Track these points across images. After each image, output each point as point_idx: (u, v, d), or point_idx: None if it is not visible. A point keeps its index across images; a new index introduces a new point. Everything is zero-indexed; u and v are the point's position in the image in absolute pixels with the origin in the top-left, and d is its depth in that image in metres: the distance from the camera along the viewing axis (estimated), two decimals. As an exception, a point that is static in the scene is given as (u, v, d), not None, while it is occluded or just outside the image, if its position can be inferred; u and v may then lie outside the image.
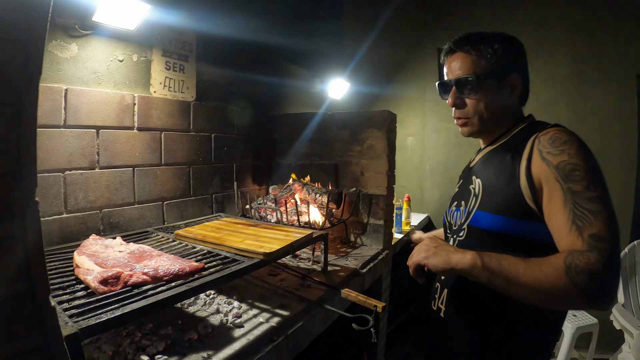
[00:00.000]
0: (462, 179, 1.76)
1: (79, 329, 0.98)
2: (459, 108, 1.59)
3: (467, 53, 1.53)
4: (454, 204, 1.70)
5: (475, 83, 1.50)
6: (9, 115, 0.70)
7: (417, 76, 5.11)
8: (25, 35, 0.71)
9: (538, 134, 1.37)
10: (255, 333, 1.52)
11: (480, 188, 1.52)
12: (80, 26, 1.97)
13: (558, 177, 1.25)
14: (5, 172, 0.70)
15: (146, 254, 1.56)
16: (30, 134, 0.73)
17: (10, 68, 0.70)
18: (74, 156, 1.95)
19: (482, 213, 1.46)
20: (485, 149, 1.65)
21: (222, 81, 2.98)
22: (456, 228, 1.61)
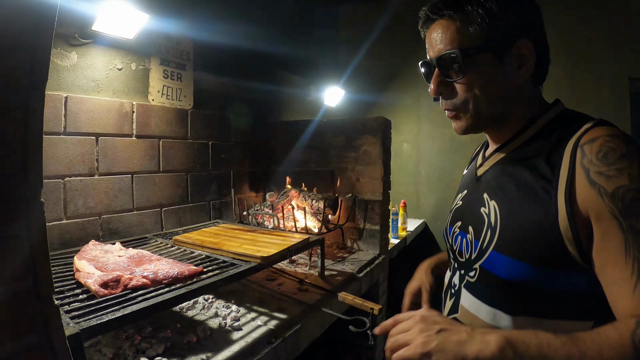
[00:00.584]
0: (466, 190, 1.35)
1: (80, 329, 1.00)
2: (447, 98, 1.18)
3: (449, 19, 1.11)
4: (457, 223, 1.31)
5: (462, 60, 1.08)
6: (16, 119, 0.72)
7: (412, 83, 5.14)
8: (32, 42, 0.73)
9: (579, 139, 0.98)
10: (253, 335, 1.54)
11: (497, 217, 1.10)
12: (80, 35, 2.00)
13: (615, 211, 0.88)
14: (12, 173, 0.73)
15: (145, 258, 1.58)
16: (36, 137, 0.75)
17: (18, 74, 0.72)
18: (73, 163, 1.98)
19: (499, 256, 1.07)
20: (497, 152, 1.23)
21: (219, 89, 3.01)
22: (464, 261, 1.22)
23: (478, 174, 1.28)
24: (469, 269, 1.19)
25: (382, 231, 2.92)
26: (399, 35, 5.15)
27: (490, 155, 1.26)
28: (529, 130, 1.15)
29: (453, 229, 1.33)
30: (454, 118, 1.19)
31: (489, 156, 1.27)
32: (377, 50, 5.22)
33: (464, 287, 1.20)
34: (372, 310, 1.57)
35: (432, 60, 1.16)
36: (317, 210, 2.71)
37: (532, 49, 1.09)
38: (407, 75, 5.19)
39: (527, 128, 1.15)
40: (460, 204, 1.34)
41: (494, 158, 1.23)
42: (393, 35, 5.17)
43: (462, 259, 1.24)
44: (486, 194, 1.18)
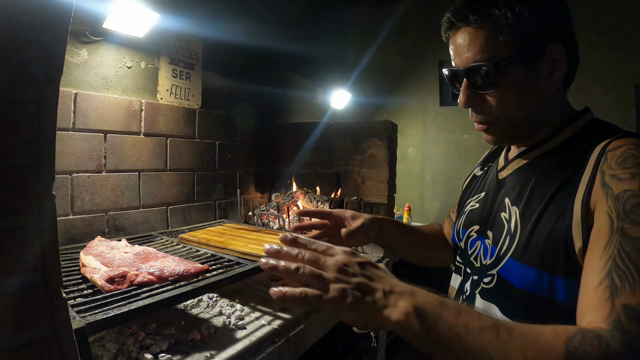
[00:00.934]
0: (484, 192, 1.27)
1: (86, 323, 1.01)
2: (478, 111, 1.11)
3: (476, 26, 1.02)
4: (473, 227, 1.23)
5: (494, 73, 1.00)
6: (31, 112, 0.73)
7: (418, 87, 5.14)
8: (48, 36, 0.74)
9: (606, 146, 0.93)
10: (257, 335, 1.54)
11: (517, 224, 1.04)
12: (90, 32, 2.01)
13: (612, 211, 0.83)
14: (25, 165, 0.73)
15: (152, 255, 1.59)
16: (50, 131, 0.76)
17: (34, 67, 0.73)
18: (81, 159, 1.99)
19: (516, 264, 1.01)
20: (523, 156, 1.15)
21: (227, 90, 3.02)
22: (480, 267, 1.15)
23: (499, 177, 1.21)
24: (485, 275, 1.11)
25: (387, 234, 2.91)
26: (405, 39, 5.16)
27: (514, 159, 1.19)
28: (557, 137, 1.08)
29: (468, 232, 1.25)
30: (485, 132, 1.14)
31: (512, 159, 1.19)
32: (384, 53, 5.22)
33: (478, 294, 1.13)
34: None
35: (461, 71, 1.07)
36: (323, 211, 2.71)
37: (565, 52, 1.01)
38: (413, 79, 5.20)
39: (555, 135, 1.09)
40: (478, 207, 1.26)
41: (518, 162, 1.16)
42: (399, 39, 5.18)
43: (478, 264, 1.16)
44: (508, 199, 1.12)
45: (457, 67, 1.09)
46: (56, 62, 0.76)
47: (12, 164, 0.72)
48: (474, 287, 1.15)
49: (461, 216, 1.33)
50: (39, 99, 0.74)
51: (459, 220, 1.34)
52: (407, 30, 5.13)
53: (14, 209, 0.73)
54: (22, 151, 0.73)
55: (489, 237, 1.14)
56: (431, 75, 5.08)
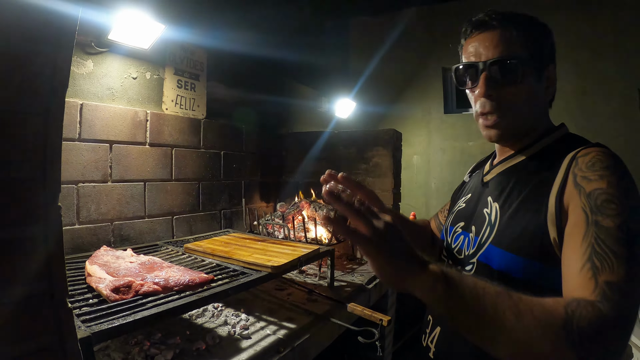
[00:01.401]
0: (471, 194, 1.41)
1: (91, 332, 1.01)
2: (493, 100, 1.19)
3: (504, 30, 1.16)
4: (459, 224, 1.37)
5: (519, 68, 1.13)
6: (36, 124, 0.74)
7: (423, 95, 5.16)
8: (53, 49, 0.75)
9: (577, 153, 1.07)
10: (262, 344, 1.54)
11: (497, 216, 1.18)
12: (96, 44, 2.03)
13: (586, 207, 0.97)
14: (31, 177, 0.74)
15: (157, 265, 1.59)
16: (55, 142, 0.77)
17: (39, 80, 0.74)
18: (87, 169, 2.00)
19: (496, 249, 1.14)
20: (505, 162, 1.30)
21: (232, 100, 3.04)
22: (463, 258, 1.27)
23: (485, 180, 1.36)
24: (467, 263, 1.24)
25: (392, 243, 2.90)
26: (409, 47, 5.18)
27: (497, 164, 1.34)
28: (535, 145, 1.23)
29: (454, 229, 1.39)
30: (493, 126, 1.22)
31: (496, 165, 1.34)
32: (387, 62, 5.24)
33: None
34: (381, 321, 1.56)
35: (482, 64, 1.18)
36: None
37: (555, 74, 1.22)
38: (417, 87, 5.21)
39: (534, 144, 1.24)
40: (464, 206, 1.41)
41: (501, 167, 1.31)
42: (403, 47, 5.20)
43: (461, 256, 1.29)
44: (490, 197, 1.26)
45: (476, 62, 1.20)
46: (62, 76, 0.77)
47: (18, 175, 0.73)
48: None
49: (450, 216, 1.48)
50: (44, 112, 0.75)
51: (448, 219, 1.49)
52: (410, 38, 5.15)
53: (21, 219, 0.74)
54: (28, 163, 0.74)
55: (472, 231, 1.27)
56: (435, 82, 5.10)
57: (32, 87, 0.74)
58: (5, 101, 0.71)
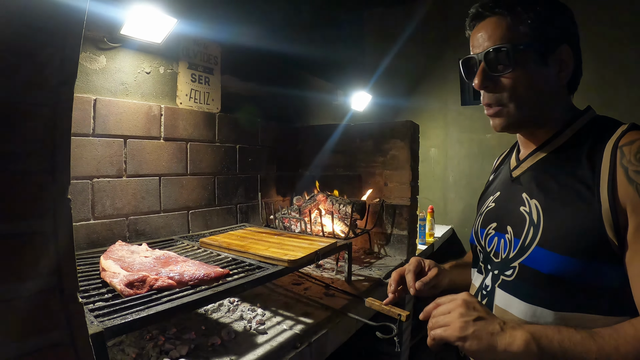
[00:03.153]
0: (499, 192, 1.35)
1: (104, 328, 1.00)
2: (490, 91, 1.19)
3: (500, 17, 1.14)
4: (491, 225, 1.30)
5: (512, 55, 1.10)
6: (45, 115, 0.73)
7: (439, 87, 5.09)
8: (61, 40, 0.74)
9: (618, 140, 1.02)
10: (278, 340, 1.52)
11: (539, 214, 1.12)
12: (108, 39, 2.02)
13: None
14: (40, 169, 0.73)
15: (172, 260, 1.58)
16: (64, 134, 0.75)
17: (47, 71, 0.72)
18: (102, 164, 2.00)
19: (545, 252, 1.08)
20: (535, 154, 1.24)
21: (247, 93, 3.02)
22: (500, 262, 1.22)
23: (514, 176, 1.29)
24: (506, 267, 1.19)
25: (410, 237, 2.88)
26: (424, 39, 5.12)
27: (526, 158, 1.27)
28: (564, 133, 1.18)
29: (486, 230, 1.32)
30: (495, 115, 1.21)
31: (524, 159, 1.27)
32: (403, 54, 5.18)
33: (498, 287, 1.20)
34: (399, 316, 1.53)
35: (479, 55, 1.17)
36: (345, 214, 2.69)
37: (572, 56, 1.15)
38: (434, 79, 5.14)
39: (562, 132, 1.19)
40: (494, 206, 1.33)
41: (530, 160, 1.25)
42: (419, 38, 5.13)
43: (498, 259, 1.23)
44: (525, 194, 1.19)
45: (475, 55, 1.20)
46: (70, 66, 0.75)
47: (27, 167, 0.72)
48: (494, 281, 1.23)
49: (478, 218, 1.40)
50: (53, 102, 0.74)
51: (476, 222, 1.41)
52: (426, 29, 5.08)
53: (29, 213, 0.72)
54: (36, 155, 0.72)
55: (509, 232, 1.21)
56: (452, 74, 5.03)
57: (41, 78, 0.72)
58: (13, 92, 0.69)
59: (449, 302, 1.07)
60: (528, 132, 1.26)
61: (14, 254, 0.71)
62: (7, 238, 0.70)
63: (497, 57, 1.13)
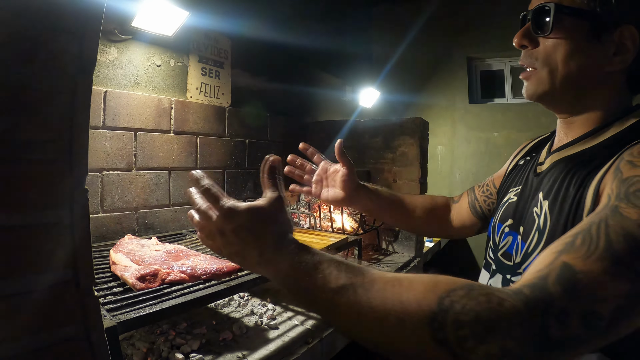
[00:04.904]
0: (522, 184, 1.21)
1: (117, 322, 0.99)
2: (526, 53, 1.08)
3: None
4: (507, 221, 1.18)
5: (554, 15, 0.97)
6: (63, 103, 0.71)
7: (447, 84, 5.07)
8: (81, 26, 0.72)
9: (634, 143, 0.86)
10: (290, 335, 1.51)
11: (545, 220, 0.98)
12: (119, 31, 2.01)
13: (614, 193, 0.78)
14: (56, 158, 0.72)
15: (183, 254, 1.57)
16: (83, 123, 0.74)
17: (65, 58, 0.71)
18: (111, 157, 1.99)
19: None
20: (564, 149, 1.08)
21: (256, 88, 3.02)
22: (511, 265, 1.09)
23: (538, 171, 1.15)
24: (514, 273, 1.06)
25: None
26: (433, 36, 5.10)
27: (556, 151, 1.11)
28: (599, 134, 1.01)
29: (503, 227, 1.19)
30: (526, 78, 1.08)
31: (554, 151, 1.12)
32: (411, 50, 5.16)
33: None
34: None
35: (529, 12, 1.05)
36: (354, 210, 2.67)
37: (638, 42, 0.94)
38: (441, 77, 5.13)
39: (601, 129, 1.01)
40: (515, 200, 1.20)
41: (556, 155, 1.09)
42: (427, 35, 5.11)
43: (509, 262, 1.10)
44: (541, 193, 1.04)
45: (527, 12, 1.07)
46: (89, 54, 0.75)
47: (44, 157, 0.71)
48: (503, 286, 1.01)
49: (500, 209, 1.26)
50: (71, 91, 0.72)
51: (497, 212, 1.27)
52: (434, 26, 5.06)
53: (46, 204, 0.71)
54: (53, 144, 0.71)
55: (520, 232, 1.08)
56: (460, 72, 5.01)
57: (58, 65, 0.71)
58: (29, 78, 0.68)
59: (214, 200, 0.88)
60: (564, 115, 1.10)
61: (30, 246, 0.70)
62: (23, 229, 0.70)
63: (540, 16, 1.00)
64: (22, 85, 0.68)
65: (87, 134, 0.75)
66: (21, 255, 0.69)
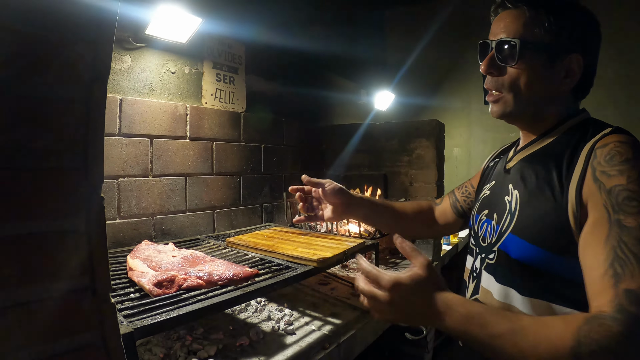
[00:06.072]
0: (495, 181, 1.42)
1: (134, 328, 0.99)
2: (493, 80, 1.25)
3: (521, 11, 1.19)
4: (484, 211, 1.39)
5: (519, 49, 1.15)
6: (78, 111, 0.72)
7: (462, 86, 5.05)
8: (94, 35, 0.73)
9: (595, 143, 1.05)
10: (307, 340, 1.51)
11: (517, 204, 1.20)
12: (133, 39, 2.03)
13: (608, 205, 0.95)
14: (73, 167, 0.72)
15: (200, 259, 1.57)
16: (98, 131, 0.74)
17: (80, 66, 0.72)
18: (128, 164, 2.00)
19: (515, 238, 1.16)
20: (526, 148, 1.31)
21: (271, 93, 3.02)
22: (486, 246, 1.31)
23: (507, 167, 1.36)
24: (489, 252, 1.28)
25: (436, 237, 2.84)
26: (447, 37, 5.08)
27: (519, 151, 1.34)
28: (554, 132, 1.24)
29: (480, 216, 1.41)
30: (493, 101, 1.27)
31: (518, 151, 1.35)
32: (425, 52, 5.15)
33: (484, 270, 1.29)
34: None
35: (492, 42, 1.23)
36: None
37: (582, 66, 1.17)
38: (457, 78, 5.11)
39: (553, 129, 1.24)
40: (488, 194, 1.43)
41: (522, 154, 1.32)
42: (441, 37, 5.09)
43: (485, 243, 1.32)
44: (511, 185, 1.28)
45: (489, 40, 1.25)
46: (103, 62, 0.75)
47: (59, 165, 0.71)
48: (481, 264, 1.32)
49: (477, 203, 1.49)
50: (85, 99, 0.73)
51: (475, 206, 1.50)
52: (447, 28, 5.05)
53: (62, 211, 0.72)
54: (69, 152, 0.71)
55: (494, 219, 1.30)
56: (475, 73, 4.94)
57: (73, 74, 0.71)
58: (45, 87, 0.69)
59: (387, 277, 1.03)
60: (525, 125, 1.32)
61: (47, 253, 0.70)
62: (40, 236, 0.70)
63: (506, 49, 1.18)
64: (38, 95, 0.68)
65: (103, 142, 0.76)
66: (38, 262, 0.69)
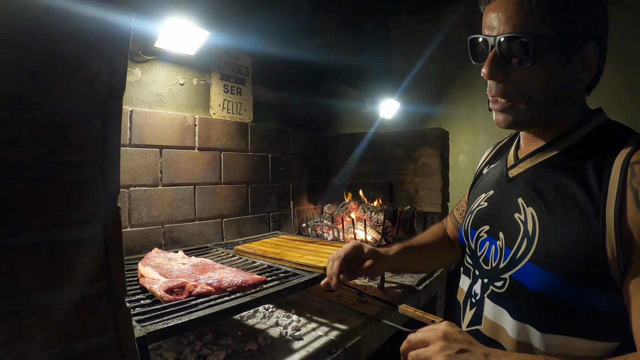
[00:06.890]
0: (493, 191, 1.21)
1: (147, 332, 1.03)
2: (500, 87, 1.03)
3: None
4: (483, 228, 1.19)
5: (531, 48, 0.93)
6: (95, 126, 0.76)
7: (467, 94, 5.06)
8: (110, 53, 0.77)
9: (630, 156, 0.89)
10: (314, 345, 1.53)
11: (534, 227, 1.00)
12: (143, 52, 2.08)
13: None
14: (91, 179, 0.76)
15: (209, 267, 1.61)
16: (114, 144, 0.78)
17: (97, 83, 0.76)
18: (138, 173, 2.05)
19: (535, 268, 0.97)
20: (535, 155, 1.10)
21: (278, 103, 3.07)
22: (490, 270, 1.11)
23: (510, 175, 1.16)
24: (496, 278, 1.08)
25: (441, 244, 2.87)
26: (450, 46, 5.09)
27: (526, 157, 1.13)
28: (571, 136, 1.04)
29: (477, 232, 1.20)
30: (501, 110, 1.06)
31: (524, 157, 1.14)
32: (429, 60, 5.17)
33: (487, 298, 1.11)
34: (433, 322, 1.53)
35: (492, 40, 1.00)
36: (377, 222, 2.69)
37: (598, 55, 0.98)
38: (461, 86, 5.12)
39: (569, 134, 1.05)
40: (486, 206, 1.21)
41: (530, 160, 1.11)
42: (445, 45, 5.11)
43: (488, 267, 1.13)
44: (521, 200, 1.06)
45: (487, 36, 1.02)
46: (118, 79, 0.79)
47: (78, 177, 0.75)
48: (483, 291, 1.13)
49: (469, 216, 1.28)
50: (102, 114, 0.77)
51: (466, 219, 1.29)
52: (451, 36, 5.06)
53: (80, 221, 0.75)
54: (87, 165, 0.75)
55: (501, 239, 1.10)
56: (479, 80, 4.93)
57: (90, 90, 0.75)
58: (64, 104, 0.73)
59: (428, 332, 0.94)
60: (535, 131, 1.12)
61: (64, 260, 0.74)
62: (59, 244, 0.73)
63: (513, 48, 0.96)
64: (58, 111, 0.72)
65: (119, 154, 0.80)
66: (58, 268, 0.73)
